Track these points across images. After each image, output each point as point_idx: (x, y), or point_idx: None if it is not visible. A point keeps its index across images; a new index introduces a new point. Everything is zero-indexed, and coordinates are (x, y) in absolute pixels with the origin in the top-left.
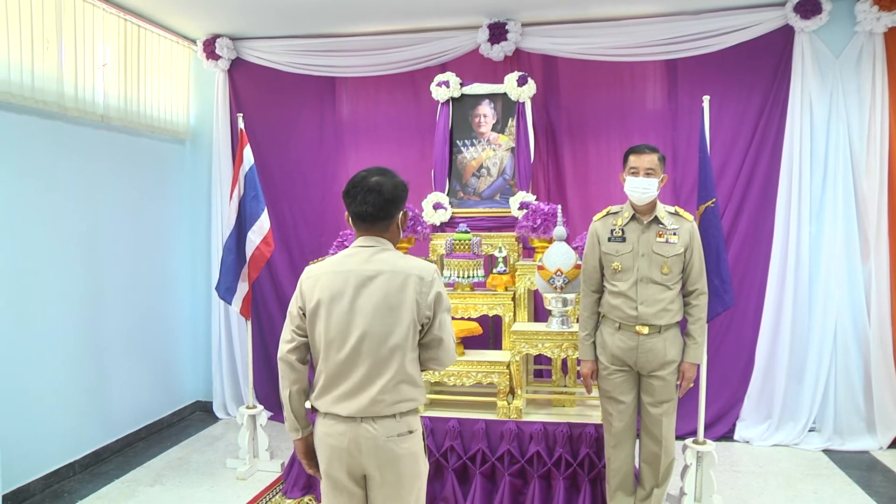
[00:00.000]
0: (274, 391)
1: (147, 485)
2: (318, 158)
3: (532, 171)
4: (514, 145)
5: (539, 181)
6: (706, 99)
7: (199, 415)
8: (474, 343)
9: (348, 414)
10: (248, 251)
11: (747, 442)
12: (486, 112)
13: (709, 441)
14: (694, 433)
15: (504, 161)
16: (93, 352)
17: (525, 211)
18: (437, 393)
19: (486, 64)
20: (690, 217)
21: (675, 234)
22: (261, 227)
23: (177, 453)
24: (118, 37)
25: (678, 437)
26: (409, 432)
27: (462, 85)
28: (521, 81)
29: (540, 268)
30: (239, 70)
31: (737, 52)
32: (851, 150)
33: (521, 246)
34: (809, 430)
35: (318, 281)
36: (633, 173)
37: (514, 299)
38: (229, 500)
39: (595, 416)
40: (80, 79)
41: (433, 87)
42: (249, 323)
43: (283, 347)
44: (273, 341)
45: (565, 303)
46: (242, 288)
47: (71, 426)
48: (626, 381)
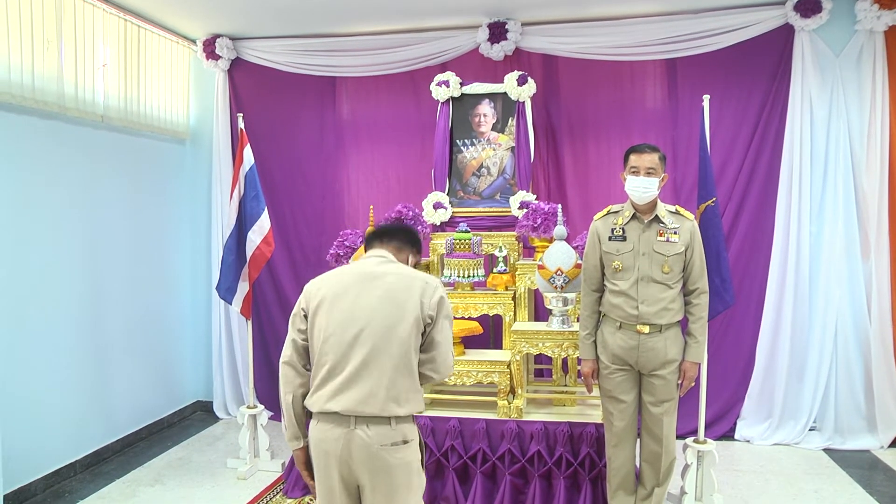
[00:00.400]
0: (274, 391)
1: (148, 485)
2: (319, 158)
3: (532, 171)
4: (514, 145)
5: (539, 180)
6: (706, 98)
7: (199, 414)
8: (475, 342)
9: (342, 409)
10: (249, 251)
11: (748, 441)
12: (486, 111)
13: (709, 440)
14: (695, 432)
15: (504, 160)
16: (93, 352)
17: (525, 210)
18: (437, 392)
19: (486, 63)
20: (691, 216)
21: (675, 233)
22: (261, 227)
23: (177, 453)
24: (118, 37)
25: (679, 437)
26: (404, 442)
27: (462, 84)
28: (521, 81)
29: (540, 267)
30: (239, 70)
31: (737, 51)
32: (852, 148)
33: (521, 245)
34: (810, 429)
35: (324, 282)
36: (633, 172)
37: (514, 299)
38: (230, 500)
39: (596, 416)
40: (80, 79)
41: (433, 86)
42: (250, 323)
43: (285, 352)
44: (273, 341)
45: (566, 302)
46: (243, 288)
47: (72, 426)
48: (627, 381)
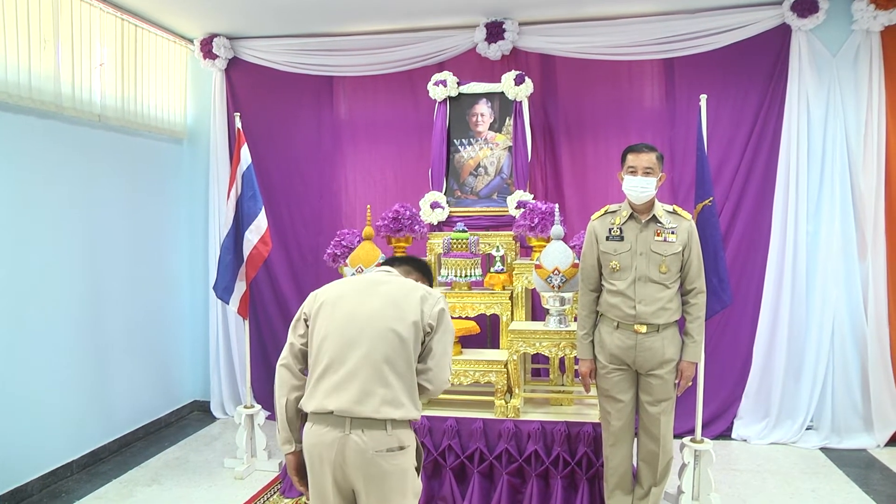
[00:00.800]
0: (271, 390)
1: (145, 484)
2: (316, 157)
3: (529, 170)
4: (511, 144)
5: (536, 180)
6: (703, 98)
7: (196, 414)
8: (472, 342)
9: (337, 408)
10: (246, 250)
11: (745, 440)
12: (484, 111)
13: (706, 439)
14: (692, 431)
15: (501, 160)
16: (90, 352)
17: (522, 210)
18: None
19: (484, 63)
20: (688, 216)
21: (673, 232)
22: (258, 227)
23: (175, 453)
24: (115, 36)
25: (676, 436)
26: (400, 448)
27: (459, 84)
28: (519, 80)
29: (537, 267)
30: (236, 69)
31: (734, 51)
32: (848, 148)
33: (518, 245)
34: (807, 429)
35: (327, 289)
36: (631, 172)
37: (511, 298)
38: (227, 500)
39: (593, 415)
40: (77, 78)
41: (430, 86)
42: (247, 322)
43: (284, 354)
44: (271, 341)
45: (563, 301)
46: (240, 287)
47: (68, 426)
48: (625, 380)
